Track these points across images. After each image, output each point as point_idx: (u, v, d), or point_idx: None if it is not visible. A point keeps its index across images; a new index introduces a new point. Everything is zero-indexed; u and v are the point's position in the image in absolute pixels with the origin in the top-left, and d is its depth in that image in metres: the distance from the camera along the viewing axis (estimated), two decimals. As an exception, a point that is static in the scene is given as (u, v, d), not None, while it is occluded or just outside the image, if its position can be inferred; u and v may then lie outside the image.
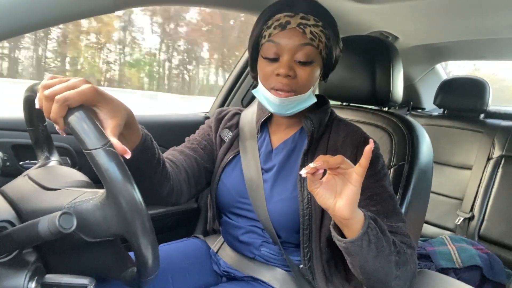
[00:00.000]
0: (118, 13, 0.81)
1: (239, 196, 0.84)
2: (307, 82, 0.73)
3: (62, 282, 0.50)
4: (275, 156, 0.84)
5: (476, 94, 1.85)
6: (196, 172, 0.85)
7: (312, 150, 0.80)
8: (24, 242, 0.50)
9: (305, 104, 0.76)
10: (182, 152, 0.85)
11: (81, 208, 0.52)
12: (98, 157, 0.47)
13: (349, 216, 0.56)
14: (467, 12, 1.22)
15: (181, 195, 0.81)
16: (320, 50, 0.73)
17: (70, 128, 0.49)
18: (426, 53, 1.89)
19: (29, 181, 0.63)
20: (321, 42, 0.72)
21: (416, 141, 0.94)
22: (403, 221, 0.73)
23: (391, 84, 0.99)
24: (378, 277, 0.64)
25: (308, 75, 0.72)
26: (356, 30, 1.36)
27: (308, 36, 0.71)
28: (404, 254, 0.66)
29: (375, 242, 0.59)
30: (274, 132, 0.87)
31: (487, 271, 1.41)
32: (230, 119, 0.93)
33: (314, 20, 0.72)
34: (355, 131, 0.80)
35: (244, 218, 0.85)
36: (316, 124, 0.79)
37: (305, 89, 0.74)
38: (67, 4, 0.67)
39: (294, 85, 0.73)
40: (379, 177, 0.75)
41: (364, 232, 0.58)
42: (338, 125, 0.82)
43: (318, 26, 0.72)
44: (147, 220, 0.49)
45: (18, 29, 0.64)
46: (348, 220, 0.57)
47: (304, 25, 0.71)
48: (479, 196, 1.74)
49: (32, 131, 0.72)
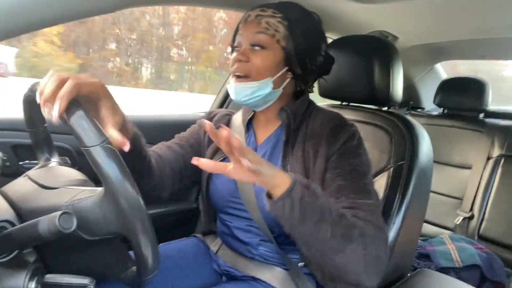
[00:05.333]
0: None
1: (231, 196, 0.85)
2: (261, 67, 0.77)
3: (62, 282, 0.50)
4: (260, 153, 0.85)
5: (475, 93, 1.86)
6: (182, 168, 0.87)
7: (292, 140, 0.81)
8: (24, 242, 0.50)
9: (262, 92, 0.78)
10: (170, 147, 0.88)
11: (79, 206, 0.52)
12: (96, 154, 0.47)
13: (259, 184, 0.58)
14: (467, 12, 1.22)
15: (163, 190, 0.84)
16: (278, 39, 0.77)
17: (69, 125, 0.49)
18: (426, 52, 1.89)
19: (29, 181, 0.63)
20: (278, 31, 0.77)
21: (415, 141, 0.94)
22: (371, 199, 0.71)
23: (390, 83, 0.99)
24: (314, 247, 0.63)
25: (261, 60, 0.77)
26: (356, 29, 1.36)
27: (263, 26, 0.77)
28: (355, 230, 0.63)
29: (302, 206, 0.59)
30: (258, 130, 0.89)
31: (486, 271, 1.41)
32: (219, 120, 0.95)
33: (272, 12, 0.78)
34: (331, 118, 0.81)
35: (239, 218, 0.85)
36: (291, 115, 0.81)
37: (260, 75, 0.77)
38: (66, 4, 0.67)
39: (247, 69, 0.77)
40: (350, 154, 0.75)
41: (286, 195, 0.58)
42: (316, 114, 0.84)
43: (275, 17, 0.77)
44: (147, 218, 0.49)
45: (17, 30, 0.64)
46: (267, 186, 0.59)
47: (260, 16, 0.77)
48: (479, 196, 1.74)
49: (32, 132, 0.72)
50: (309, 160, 0.78)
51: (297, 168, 0.78)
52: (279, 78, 0.79)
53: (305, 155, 0.78)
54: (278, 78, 0.79)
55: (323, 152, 0.76)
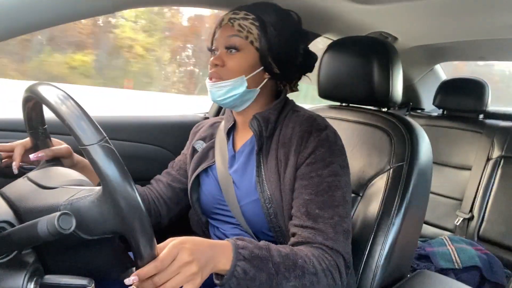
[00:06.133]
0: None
1: (217, 203, 0.86)
2: (235, 69, 0.78)
3: (61, 282, 0.50)
4: (238, 159, 0.85)
5: (475, 94, 1.86)
6: (172, 196, 0.94)
7: (266, 149, 0.79)
8: (23, 243, 0.50)
9: (236, 92, 0.78)
10: (159, 180, 0.96)
11: (78, 205, 0.52)
12: (94, 153, 0.47)
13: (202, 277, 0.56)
14: (466, 13, 1.22)
15: (160, 217, 0.93)
16: (251, 40, 0.77)
17: (66, 125, 0.49)
18: (426, 53, 1.90)
19: (27, 181, 0.63)
20: (251, 33, 0.77)
21: (415, 142, 0.94)
22: (336, 215, 0.70)
23: (390, 84, 0.99)
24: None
25: (234, 62, 0.77)
26: (356, 30, 1.36)
27: (236, 28, 0.77)
28: (306, 274, 0.64)
29: (248, 279, 0.60)
30: (237, 136, 0.89)
31: (486, 272, 1.41)
32: (205, 130, 0.96)
33: (244, 14, 0.78)
34: (302, 122, 0.78)
35: (227, 223, 0.86)
36: (263, 123, 0.79)
37: (233, 75, 0.78)
38: (65, 5, 0.67)
39: (221, 72, 0.78)
40: (319, 164, 0.73)
41: (229, 277, 0.58)
42: (290, 118, 0.81)
43: (247, 19, 0.77)
44: (145, 217, 0.49)
45: (15, 31, 0.63)
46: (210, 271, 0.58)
47: (233, 19, 0.78)
48: (479, 197, 1.74)
49: (32, 134, 0.72)
50: (281, 169, 0.76)
51: (272, 178, 0.76)
52: (254, 78, 0.79)
53: (279, 164, 0.77)
54: (253, 78, 0.79)
55: (292, 162, 0.75)
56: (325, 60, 1.08)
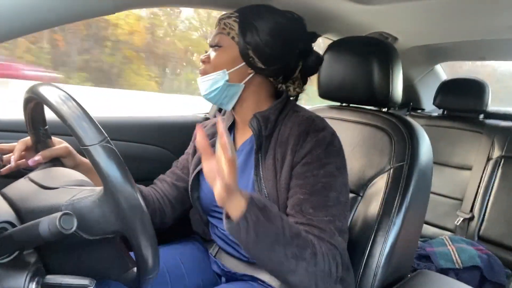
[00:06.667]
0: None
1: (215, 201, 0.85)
2: (216, 63, 0.81)
3: (63, 283, 0.50)
4: (237, 158, 0.84)
5: (475, 94, 1.86)
6: (177, 196, 0.95)
7: (264, 147, 0.80)
8: (25, 243, 0.50)
9: (218, 85, 0.80)
10: (163, 180, 0.97)
11: (79, 206, 0.52)
12: (95, 153, 0.47)
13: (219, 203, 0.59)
14: (466, 13, 1.22)
15: (165, 216, 0.94)
16: (232, 36, 0.79)
17: (68, 125, 0.49)
18: (426, 53, 1.90)
19: (29, 182, 0.63)
20: (233, 29, 0.80)
21: (415, 142, 0.94)
22: (330, 215, 0.70)
23: (390, 84, 0.99)
24: (268, 266, 0.65)
25: (216, 57, 0.81)
26: (356, 31, 1.36)
27: (221, 27, 0.81)
28: (308, 249, 0.64)
29: (256, 230, 0.60)
30: (237, 134, 0.89)
31: (486, 272, 1.41)
32: (208, 129, 0.96)
33: (230, 13, 0.82)
34: (300, 122, 0.78)
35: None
36: (263, 122, 0.79)
37: (215, 69, 0.80)
38: (65, 5, 0.67)
39: (207, 68, 0.82)
40: (315, 164, 0.73)
41: (242, 218, 0.59)
42: (289, 118, 0.81)
43: (231, 17, 0.80)
44: (146, 217, 0.49)
45: (16, 31, 0.64)
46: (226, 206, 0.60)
47: (221, 19, 0.82)
48: (479, 197, 1.74)
49: (33, 134, 0.72)
50: (278, 168, 0.77)
51: (269, 177, 0.77)
52: (237, 72, 0.80)
53: (275, 164, 0.77)
54: (236, 72, 0.80)
55: (288, 161, 0.75)
56: (325, 60, 1.08)
